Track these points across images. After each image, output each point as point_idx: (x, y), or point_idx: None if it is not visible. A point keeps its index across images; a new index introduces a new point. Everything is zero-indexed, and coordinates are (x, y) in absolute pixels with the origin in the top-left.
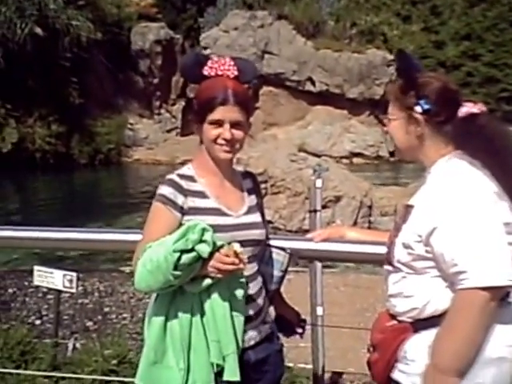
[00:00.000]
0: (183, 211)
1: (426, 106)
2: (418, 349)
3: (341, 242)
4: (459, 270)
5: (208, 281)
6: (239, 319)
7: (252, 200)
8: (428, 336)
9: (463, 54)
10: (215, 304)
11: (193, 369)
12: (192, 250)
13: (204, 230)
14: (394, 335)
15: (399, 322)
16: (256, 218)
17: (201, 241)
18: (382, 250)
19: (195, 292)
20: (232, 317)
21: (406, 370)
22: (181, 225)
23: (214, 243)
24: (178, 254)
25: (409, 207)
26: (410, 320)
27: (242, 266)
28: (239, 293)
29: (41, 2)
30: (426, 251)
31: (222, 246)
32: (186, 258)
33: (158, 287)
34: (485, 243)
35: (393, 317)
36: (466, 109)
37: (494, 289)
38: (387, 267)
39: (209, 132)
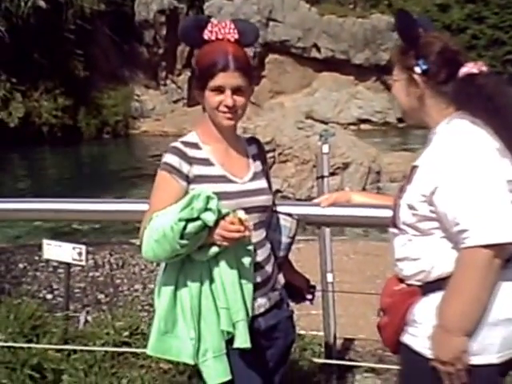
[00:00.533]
0: (189, 179)
1: (425, 67)
2: (426, 311)
3: (348, 207)
4: (462, 229)
5: (215, 249)
6: (248, 286)
7: (257, 166)
8: (436, 298)
9: (468, 16)
10: (223, 271)
11: (204, 338)
12: (197, 218)
13: (209, 198)
14: (403, 299)
15: (408, 285)
16: (262, 184)
17: (206, 209)
18: (390, 213)
19: (203, 260)
20: (241, 284)
21: (415, 333)
22: (187, 193)
23: (219, 211)
24: (183, 223)
25: (414, 168)
26: (418, 283)
27: (247, 233)
28: (247, 260)
29: None
30: (431, 211)
31: (227, 214)
32: (191, 226)
33: (164, 256)
34: (487, 200)
35: (401, 281)
36: (466, 69)
37: (498, 246)
38: (393, 230)
39: (211, 99)
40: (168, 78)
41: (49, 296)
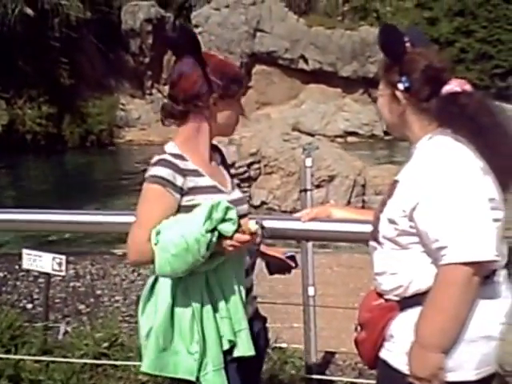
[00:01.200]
0: (182, 192)
1: (407, 84)
2: (403, 327)
3: (328, 222)
4: (441, 246)
5: (222, 257)
6: (243, 294)
7: (228, 175)
8: (414, 314)
9: (457, 30)
10: (223, 281)
11: (205, 351)
12: (214, 229)
13: (228, 209)
14: (381, 314)
15: (386, 300)
16: (239, 192)
17: (223, 219)
18: (369, 228)
19: (207, 269)
20: (240, 292)
21: (392, 349)
22: (180, 207)
23: (238, 222)
24: (209, 235)
25: (395, 182)
26: (396, 298)
27: (258, 239)
28: (241, 268)
29: None
30: (411, 226)
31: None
32: (213, 237)
33: (183, 270)
34: (467, 217)
35: (380, 295)
36: (449, 87)
37: (477, 264)
38: (373, 243)
39: (237, 109)
40: (154, 88)
41: (29, 306)
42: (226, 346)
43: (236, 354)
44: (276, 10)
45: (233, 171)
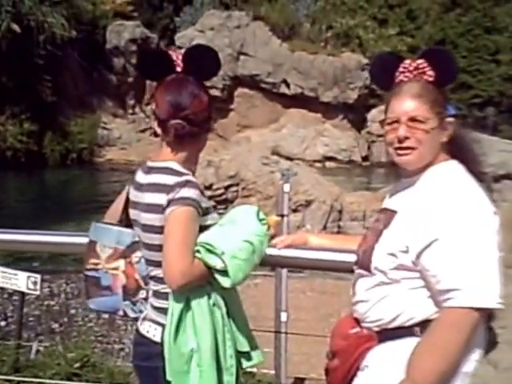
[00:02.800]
0: (204, 212)
1: (453, 111)
2: (381, 360)
3: (304, 249)
4: (450, 288)
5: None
6: None
7: None
8: (393, 347)
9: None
10: (234, 295)
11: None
12: None
13: (259, 211)
14: (358, 343)
15: (363, 328)
16: None
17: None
18: (346, 257)
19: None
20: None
21: (367, 380)
22: (200, 227)
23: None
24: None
25: (391, 212)
26: (377, 329)
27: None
28: None
29: None
30: (413, 262)
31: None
32: None
33: (249, 273)
34: (483, 263)
35: (356, 323)
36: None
37: (485, 309)
38: (361, 271)
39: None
40: (136, 107)
41: (2, 323)
42: (244, 359)
43: (249, 364)
44: (260, 34)
45: (210, 193)
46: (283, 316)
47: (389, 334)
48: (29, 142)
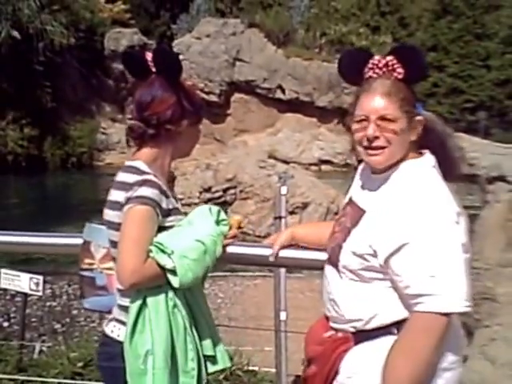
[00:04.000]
0: (165, 213)
1: (421, 109)
2: (360, 361)
3: (302, 250)
4: (419, 293)
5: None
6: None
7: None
8: (370, 347)
9: (429, 64)
10: (197, 299)
11: (199, 368)
12: None
13: (219, 211)
14: (334, 346)
15: (337, 330)
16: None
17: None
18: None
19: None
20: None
21: (348, 383)
22: (160, 227)
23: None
24: (222, 236)
25: (360, 210)
26: (352, 330)
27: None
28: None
29: (15, 6)
30: (381, 265)
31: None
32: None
33: (201, 275)
34: (450, 268)
35: (328, 325)
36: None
37: (452, 314)
38: (331, 268)
39: (199, 132)
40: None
41: (5, 324)
42: (209, 363)
43: (215, 368)
44: (255, 40)
45: (209, 195)
46: (282, 315)
47: (365, 334)
48: (29, 146)
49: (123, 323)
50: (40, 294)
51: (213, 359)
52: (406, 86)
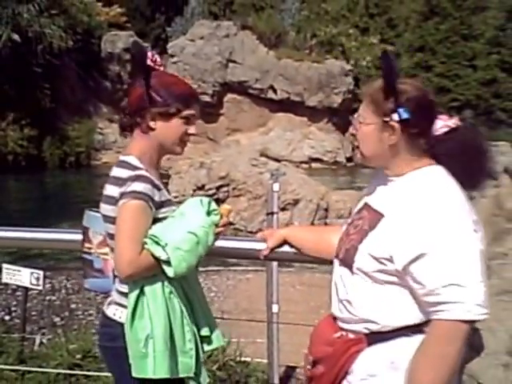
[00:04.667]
0: (158, 205)
1: (405, 115)
2: (375, 363)
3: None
4: (442, 301)
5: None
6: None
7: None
8: (385, 349)
9: (417, 64)
10: (191, 284)
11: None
12: None
13: (210, 202)
14: (346, 348)
15: (346, 331)
16: None
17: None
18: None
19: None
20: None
21: None
22: (154, 219)
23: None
24: (213, 226)
25: (377, 213)
26: (365, 331)
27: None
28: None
29: (15, 11)
30: (397, 271)
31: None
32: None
33: (194, 264)
34: (471, 276)
35: (336, 325)
36: (442, 122)
37: (474, 321)
38: (344, 269)
39: (180, 127)
40: None
41: (6, 317)
42: (205, 343)
43: (211, 347)
44: (248, 42)
45: (202, 193)
46: (274, 308)
47: (379, 336)
48: (29, 146)
49: (124, 306)
50: (40, 288)
51: (208, 339)
52: (383, 92)
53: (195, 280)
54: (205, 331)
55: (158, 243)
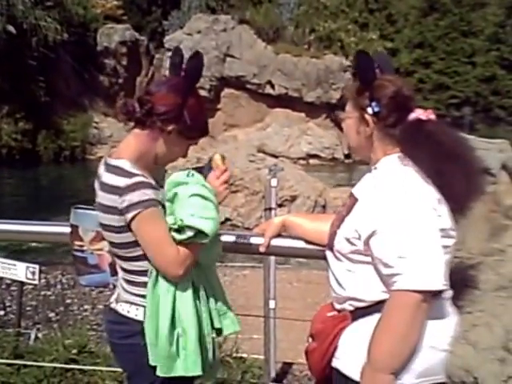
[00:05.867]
0: (162, 205)
1: (376, 109)
2: (354, 336)
3: (292, 238)
4: (394, 272)
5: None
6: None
7: None
8: (365, 323)
9: (416, 61)
10: (208, 271)
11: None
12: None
13: (190, 174)
14: (334, 324)
15: (338, 311)
16: None
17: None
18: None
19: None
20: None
21: (343, 358)
22: None
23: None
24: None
25: (354, 200)
26: (350, 308)
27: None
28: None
29: (9, 2)
30: (365, 249)
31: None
32: None
33: (218, 217)
34: (420, 248)
35: (334, 308)
36: (415, 115)
37: (426, 292)
38: (329, 253)
39: (183, 150)
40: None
41: (1, 312)
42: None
43: (227, 331)
44: (245, 37)
45: None
46: (271, 304)
47: (361, 312)
48: (23, 140)
49: (139, 305)
50: (36, 282)
51: (219, 331)
52: (361, 86)
53: (214, 270)
54: (219, 323)
55: (177, 230)
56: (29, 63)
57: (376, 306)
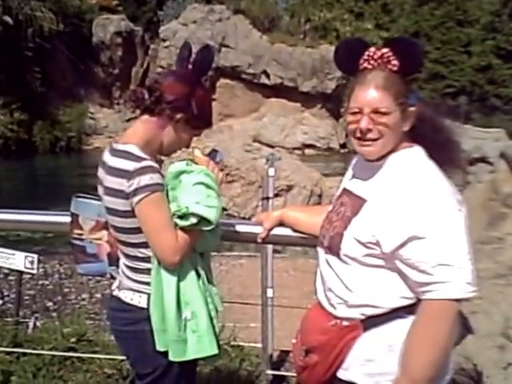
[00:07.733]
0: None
1: (414, 101)
2: (374, 347)
3: (287, 228)
4: (433, 281)
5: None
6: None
7: None
8: (383, 333)
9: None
10: (207, 258)
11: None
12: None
13: (188, 163)
14: (341, 335)
15: (340, 319)
16: None
17: None
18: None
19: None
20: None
21: (364, 371)
22: None
23: None
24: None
25: (359, 199)
26: (361, 317)
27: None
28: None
29: None
30: (383, 253)
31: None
32: None
33: (220, 205)
34: (463, 256)
35: (333, 316)
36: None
37: (462, 299)
38: (330, 257)
39: (188, 139)
40: (122, 98)
41: None
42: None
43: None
44: (241, 26)
45: None
46: (269, 292)
47: (374, 320)
48: (19, 130)
49: (142, 292)
50: (34, 272)
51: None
52: (400, 78)
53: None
54: (220, 305)
55: (181, 216)
56: (24, 54)
57: (392, 314)
